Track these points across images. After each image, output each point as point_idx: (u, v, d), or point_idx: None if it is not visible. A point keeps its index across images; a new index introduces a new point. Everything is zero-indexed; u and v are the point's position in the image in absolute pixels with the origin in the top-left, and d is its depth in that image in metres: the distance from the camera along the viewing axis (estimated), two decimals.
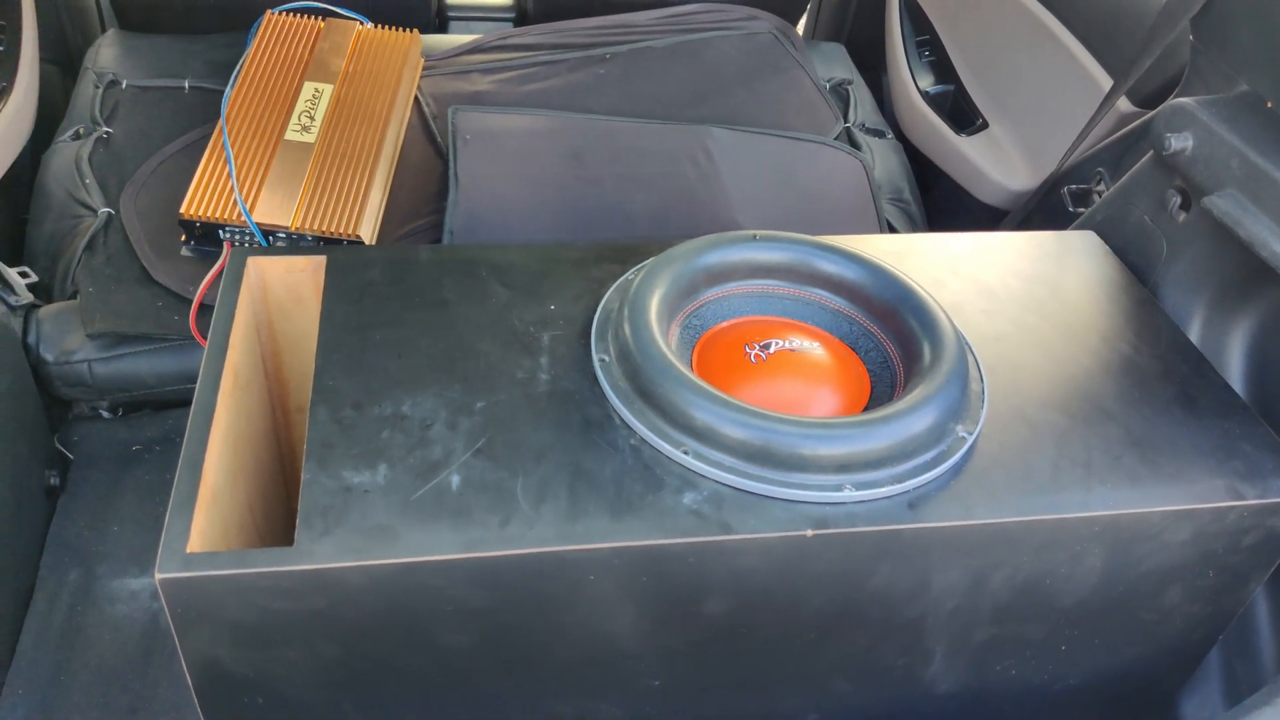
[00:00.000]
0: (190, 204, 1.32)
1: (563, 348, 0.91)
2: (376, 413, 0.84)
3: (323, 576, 0.74)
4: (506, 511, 0.77)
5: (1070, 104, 1.35)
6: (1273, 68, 0.93)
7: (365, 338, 0.90)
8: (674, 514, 0.78)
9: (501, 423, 0.84)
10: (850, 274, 0.97)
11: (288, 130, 1.42)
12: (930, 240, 1.09)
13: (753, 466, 0.81)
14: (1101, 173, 1.23)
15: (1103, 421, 0.89)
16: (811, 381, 0.91)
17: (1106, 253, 1.08)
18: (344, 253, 1.00)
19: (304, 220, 1.32)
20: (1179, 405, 0.91)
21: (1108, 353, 0.96)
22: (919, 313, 0.92)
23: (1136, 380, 0.94)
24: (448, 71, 1.62)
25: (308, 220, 1.32)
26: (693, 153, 1.48)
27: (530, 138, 1.47)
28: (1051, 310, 1.00)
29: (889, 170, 1.56)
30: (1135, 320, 1.00)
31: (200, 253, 1.36)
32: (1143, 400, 0.92)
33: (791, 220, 1.43)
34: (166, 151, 1.46)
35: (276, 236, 1.33)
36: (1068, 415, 0.89)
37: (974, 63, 1.58)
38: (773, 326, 0.95)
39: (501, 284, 0.98)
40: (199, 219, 1.32)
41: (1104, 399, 0.91)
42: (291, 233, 1.32)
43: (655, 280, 0.93)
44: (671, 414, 0.83)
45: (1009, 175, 1.46)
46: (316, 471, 0.79)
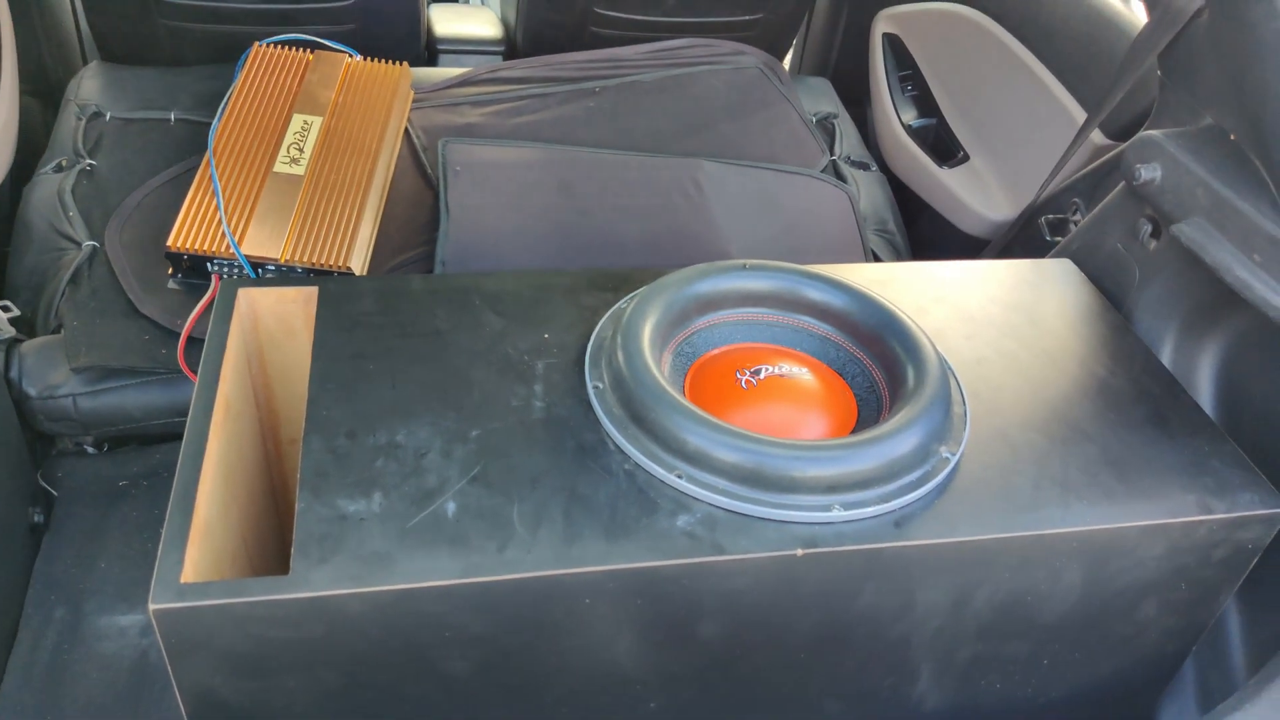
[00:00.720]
0: (177, 236, 1.33)
1: (556, 375, 0.93)
2: (370, 442, 0.85)
3: (320, 604, 0.74)
4: (503, 537, 0.79)
5: (1047, 137, 1.39)
6: (1234, 102, 0.97)
7: (358, 367, 0.92)
8: (668, 536, 0.80)
9: (496, 450, 0.85)
10: (836, 301, 0.99)
11: (276, 162, 1.44)
12: (913, 269, 1.12)
13: (744, 489, 0.83)
14: (1077, 203, 1.26)
15: (1080, 441, 0.92)
16: (800, 406, 0.93)
17: (1082, 280, 1.11)
18: (336, 283, 1.01)
19: (294, 252, 1.33)
20: (1152, 425, 0.94)
21: (1084, 376, 0.99)
22: (903, 338, 0.94)
23: (1111, 402, 0.96)
24: (438, 104, 1.65)
25: (297, 252, 1.34)
26: (683, 185, 1.50)
27: (520, 169, 1.50)
28: (1030, 335, 1.03)
29: (874, 202, 1.60)
30: (1110, 344, 1.03)
31: (187, 286, 1.37)
32: (1118, 421, 0.94)
33: (779, 250, 1.45)
34: (152, 184, 1.48)
35: (265, 269, 1.34)
36: (1046, 436, 0.92)
37: (955, 97, 1.62)
38: (762, 353, 0.97)
39: (494, 312, 0.99)
40: (186, 251, 1.33)
41: (1081, 420, 0.94)
42: (281, 265, 1.34)
43: (648, 308, 0.95)
44: (664, 439, 0.85)
45: (989, 206, 1.49)
46: (311, 500, 0.80)
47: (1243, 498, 0.88)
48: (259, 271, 1.34)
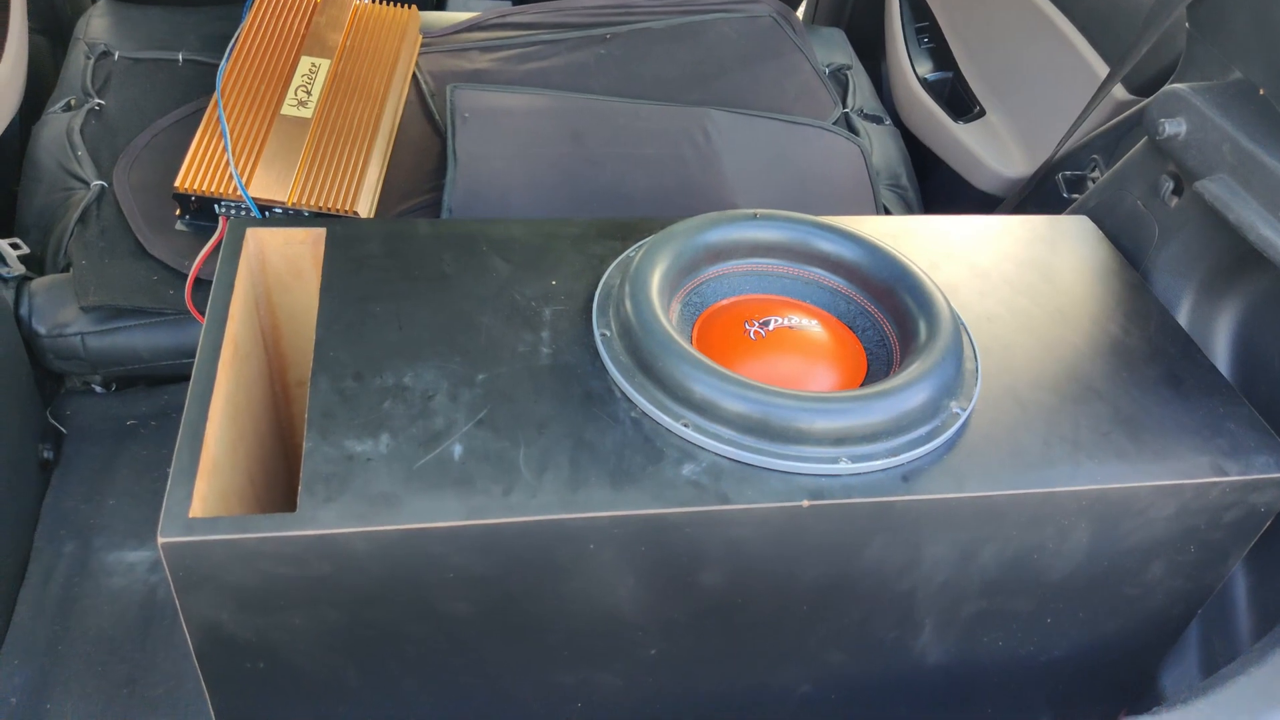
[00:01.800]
0: (185, 177, 1.32)
1: (564, 322, 0.92)
2: (378, 383, 0.85)
3: (327, 542, 0.74)
4: (509, 481, 0.78)
5: (1067, 91, 1.36)
6: (1265, 55, 0.95)
7: (365, 310, 0.91)
8: (673, 485, 0.80)
9: (503, 394, 0.85)
10: (848, 253, 0.98)
11: (284, 105, 1.43)
12: (926, 223, 1.10)
13: (751, 439, 0.82)
14: (1096, 159, 1.24)
15: (1091, 400, 0.91)
16: (809, 358, 0.92)
17: (1099, 237, 1.10)
18: (344, 225, 1.00)
19: (301, 195, 1.33)
20: (1166, 385, 0.93)
21: (1098, 334, 0.98)
22: (915, 292, 0.93)
23: (1125, 361, 0.95)
24: (446, 49, 1.62)
25: (305, 195, 1.33)
26: (691, 134, 1.48)
27: (529, 117, 1.48)
28: (1044, 293, 1.02)
29: (886, 156, 1.58)
30: (1126, 303, 1.02)
31: (195, 227, 1.36)
32: (1131, 380, 0.93)
33: (788, 203, 1.43)
34: (160, 125, 1.46)
35: (273, 211, 1.33)
36: (1058, 394, 0.91)
37: (972, 50, 1.59)
38: (772, 304, 0.96)
39: (502, 258, 0.98)
40: (194, 193, 1.32)
41: (1093, 379, 0.93)
42: (288, 208, 1.33)
43: (656, 257, 0.94)
44: (672, 388, 0.84)
45: (1005, 162, 1.47)
46: (319, 440, 0.80)
47: (1257, 460, 0.88)
48: (266, 214, 1.33)
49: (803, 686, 0.96)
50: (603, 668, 0.90)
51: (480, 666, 0.87)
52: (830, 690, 0.97)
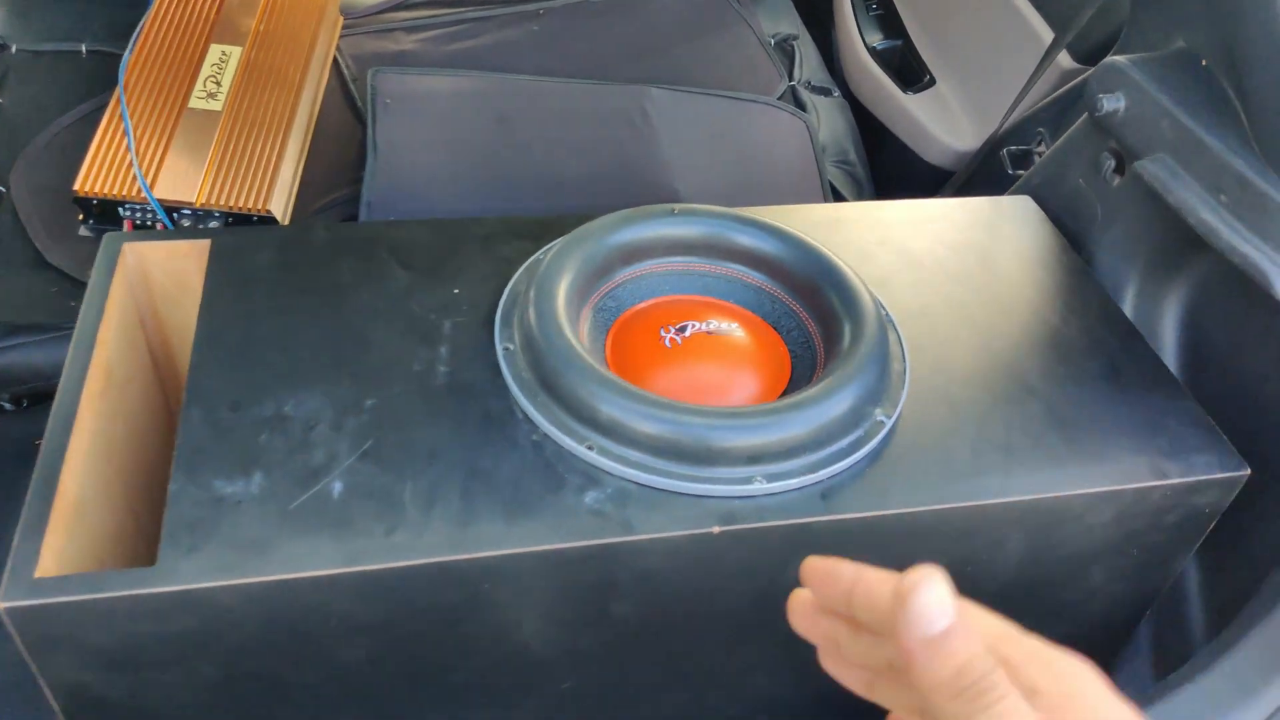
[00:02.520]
0: (85, 179, 1.24)
1: (465, 336, 0.86)
2: (255, 413, 0.78)
3: (188, 597, 0.68)
4: (393, 519, 0.72)
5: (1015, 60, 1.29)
6: (1206, 22, 0.88)
7: (248, 330, 0.85)
8: (574, 514, 0.74)
9: (392, 421, 0.79)
10: (770, 248, 0.91)
11: (192, 97, 1.35)
12: (861, 209, 1.04)
13: (660, 461, 0.76)
14: (1042, 133, 1.17)
15: (1025, 399, 0.85)
16: (728, 366, 0.86)
17: (1041, 219, 1.04)
18: (230, 234, 0.94)
19: (210, 195, 1.25)
20: (1105, 380, 0.87)
21: (1035, 325, 0.92)
22: (840, 289, 0.87)
23: (1063, 354, 0.89)
24: (369, 30, 1.54)
25: (214, 195, 1.25)
26: (628, 115, 1.41)
27: (454, 101, 1.40)
28: (981, 281, 0.96)
29: (834, 131, 1.51)
30: (1066, 290, 0.96)
31: (99, 232, 1.28)
32: (1068, 376, 0.87)
33: (731, 184, 1.37)
34: (62, 122, 1.38)
35: (181, 213, 1.26)
36: (990, 393, 0.85)
37: (922, 16, 1.52)
38: (691, 307, 0.90)
39: (402, 265, 0.92)
40: (95, 195, 1.24)
41: (1028, 375, 0.87)
42: (197, 209, 1.26)
43: (565, 260, 0.87)
44: (575, 407, 0.78)
45: (955, 135, 1.40)
46: (185, 481, 0.73)
47: (1199, 460, 0.82)
48: (174, 216, 1.26)
49: (731, 709, 0.91)
50: (516, 706, 0.84)
51: (381, 712, 0.81)
52: (760, 713, 0.92)
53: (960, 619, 0.36)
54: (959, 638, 0.35)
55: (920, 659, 0.35)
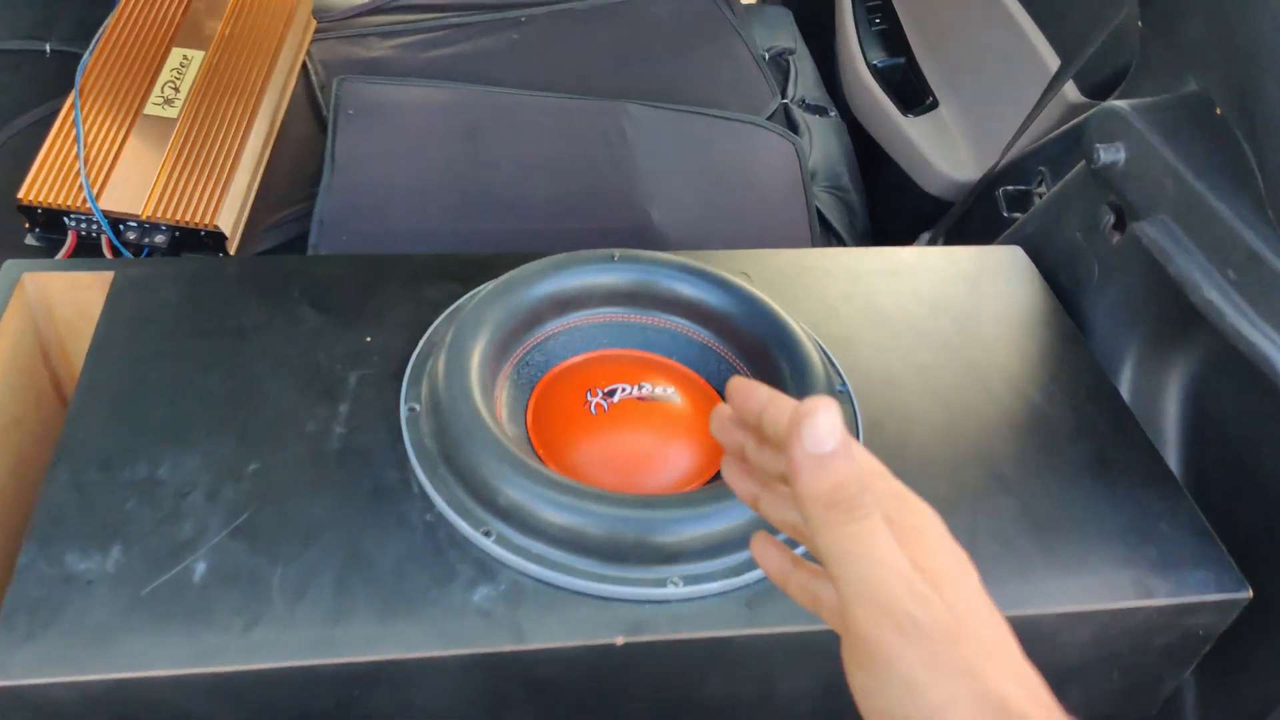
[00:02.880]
0: (30, 187, 1.17)
1: (370, 391, 0.78)
2: (126, 476, 0.70)
3: (20, 693, 0.61)
4: (256, 611, 0.64)
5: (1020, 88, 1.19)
6: (1225, 59, 0.77)
7: (137, 376, 0.77)
8: (459, 614, 0.65)
9: (274, 491, 0.71)
10: (717, 302, 0.82)
11: (148, 104, 1.28)
12: (831, 256, 0.95)
13: (563, 554, 0.68)
14: (1043, 172, 1.07)
15: (997, 493, 0.75)
16: (657, 440, 0.77)
17: (1032, 274, 0.93)
18: (135, 265, 0.86)
19: (157, 208, 1.18)
20: (1090, 472, 0.77)
21: (1015, 401, 0.82)
22: (789, 353, 0.78)
23: (1044, 438, 0.79)
24: (342, 35, 1.46)
25: (161, 208, 1.18)
26: (604, 132, 1.32)
27: (421, 113, 1.32)
28: (957, 346, 0.86)
29: (827, 153, 1.41)
30: (1054, 360, 0.86)
31: (46, 240, 1.22)
32: (1048, 465, 0.77)
33: (710, 211, 1.28)
34: (17, 124, 1.32)
35: (127, 225, 1.19)
36: (956, 485, 0.76)
37: (927, 33, 1.41)
38: (625, 366, 0.81)
39: (315, 307, 0.84)
40: (40, 205, 1.18)
41: (1001, 462, 0.77)
42: (143, 221, 1.18)
43: (488, 308, 0.79)
44: (474, 485, 0.69)
45: (954, 164, 1.30)
46: (36, 553, 0.66)
47: (1193, 577, 0.72)
48: (119, 228, 1.19)
49: None
50: None
51: None
52: None
53: (844, 445, 0.40)
54: (840, 459, 0.40)
55: (805, 472, 0.40)
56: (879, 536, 0.41)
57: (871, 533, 0.41)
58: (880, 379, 0.82)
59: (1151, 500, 0.76)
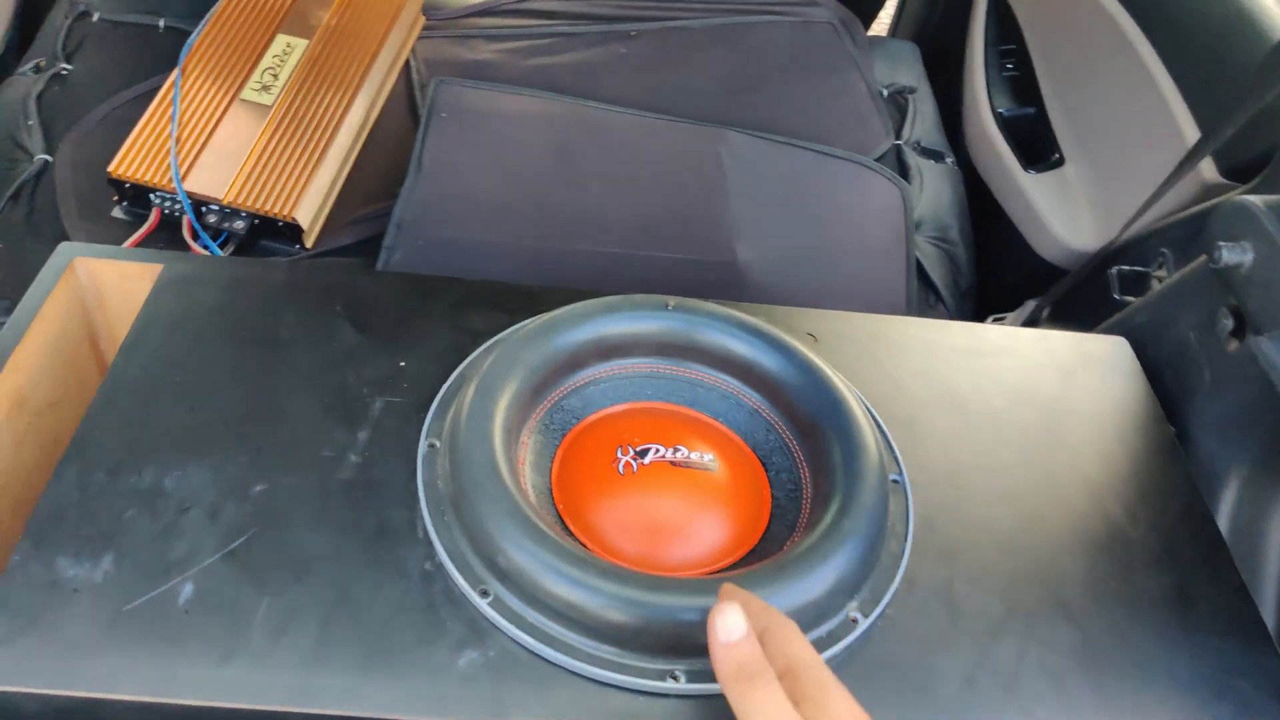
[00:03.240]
0: (121, 161, 1.19)
1: (392, 421, 0.74)
2: (132, 482, 0.68)
3: None
4: (233, 644, 0.61)
5: (1154, 157, 1.09)
6: None
7: (162, 379, 0.75)
8: (441, 678, 0.61)
9: (276, 516, 0.67)
10: (774, 366, 0.76)
11: (246, 88, 1.28)
12: (911, 326, 0.87)
13: (560, 629, 0.62)
14: (1165, 255, 0.97)
15: (1054, 620, 0.67)
16: (684, 512, 0.71)
17: (1135, 372, 0.84)
18: (184, 261, 0.84)
19: (239, 194, 1.18)
20: (1167, 608, 0.69)
21: (1092, 515, 0.74)
22: (844, 436, 0.71)
23: (1120, 563, 0.71)
24: (450, 34, 1.44)
25: (243, 195, 1.18)
26: (699, 159, 1.27)
27: (515, 123, 1.29)
28: (1036, 444, 0.78)
29: (938, 202, 1.32)
30: (1145, 473, 0.77)
31: (133, 214, 1.23)
32: (1119, 594, 0.69)
33: (799, 252, 1.21)
34: (123, 97, 1.33)
35: (209, 208, 1.19)
36: (1008, 603, 0.68)
37: (1062, 84, 1.31)
38: (664, 424, 0.76)
39: (354, 324, 0.81)
40: (128, 180, 1.19)
41: (1065, 585, 0.69)
42: (224, 206, 1.18)
43: (528, 346, 0.74)
44: (478, 538, 0.65)
45: (1073, 230, 1.20)
46: (30, 553, 0.64)
47: None
48: (201, 211, 1.19)
49: None
50: None
51: None
52: None
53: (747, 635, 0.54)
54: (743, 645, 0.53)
55: (717, 655, 0.54)
56: (775, 704, 0.50)
57: (769, 700, 0.50)
58: (943, 471, 0.75)
59: (1234, 651, 0.67)
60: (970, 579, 0.69)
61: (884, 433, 0.76)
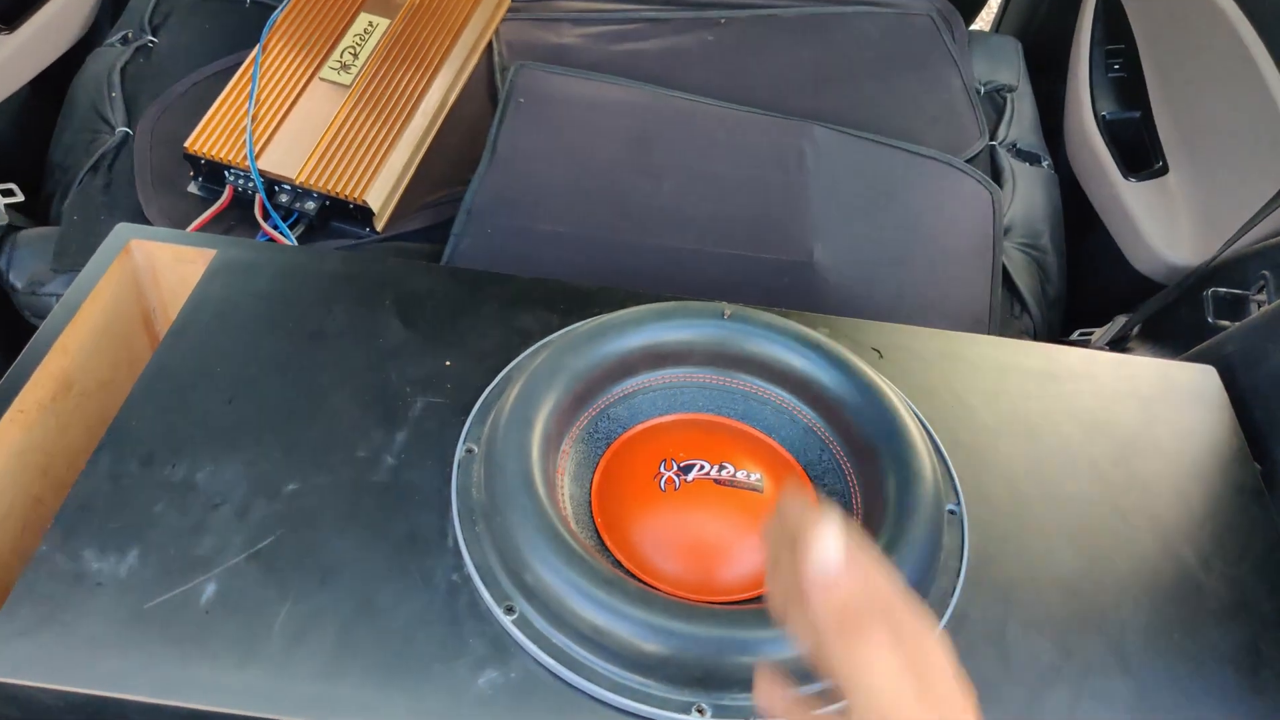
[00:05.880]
0: (198, 138, 1.19)
1: (433, 422, 0.72)
2: (164, 475, 0.68)
3: (6, 689, 0.59)
4: (251, 648, 0.60)
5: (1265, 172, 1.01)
6: None
7: (204, 368, 0.74)
8: (459, 697, 0.59)
9: (305, 517, 0.66)
10: (831, 383, 0.72)
11: (325, 67, 1.27)
12: (983, 345, 0.82)
13: (585, 653, 0.60)
14: (1266, 278, 0.90)
15: (1111, 671, 0.62)
16: (728, 533, 0.68)
17: (1222, 405, 0.78)
18: (236, 248, 0.84)
19: (311, 175, 1.17)
20: (1235, 666, 0.63)
21: (1162, 560, 0.68)
22: (900, 464, 0.67)
23: (1188, 613, 0.66)
24: (535, 16, 1.42)
25: (315, 176, 1.17)
26: (783, 155, 1.22)
27: (594, 110, 1.26)
28: (1108, 479, 0.73)
29: (1030, 207, 1.25)
30: (1224, 516, 0.71)
31: (208, 190, 1.24)
32: (1182, 647, 0.64)
33: (881, 255, 1.16)
34: (205, 71, 1.34)
35: (281, 188, 1.19)
36: (1063, 650, 0.63)
37: (1172, 88, 1.23)
38: (712, 439, 0.72)
39: (402, 320, 0.79)
40: (204, 156, 1.19)
41: (1126, 634, 0.64)
42: (296, 186, 1.18)
43: (574, 352, 0.72)
44: (506, 552, 0.63)
45: (1172, 242, 1.13)
46: (57, 543, 0.64)
47: None
48: (274, 190, 1.19)
49: None
50: None
51: None
52: None
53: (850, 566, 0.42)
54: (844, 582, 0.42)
55: (813, 593, 0.42)
56: (885, 660, 0.40)
57: (878, 656, 0.40)
58: (1005, 503, 0.70)
59: None
60: (1025, 621, 0.64)
61: (944, 459, 0.72)
